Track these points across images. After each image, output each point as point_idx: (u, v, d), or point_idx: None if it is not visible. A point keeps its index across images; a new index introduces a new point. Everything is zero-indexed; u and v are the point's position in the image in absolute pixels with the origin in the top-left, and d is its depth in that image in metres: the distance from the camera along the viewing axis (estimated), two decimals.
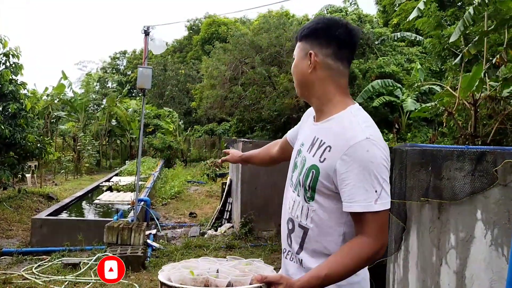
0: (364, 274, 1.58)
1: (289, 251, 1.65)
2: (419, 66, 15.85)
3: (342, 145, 1.44)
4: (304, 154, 1.61)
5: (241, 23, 29.32)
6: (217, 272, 1.47)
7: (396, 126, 16.23)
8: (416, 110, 13.67)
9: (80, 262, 5.41)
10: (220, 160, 2.43)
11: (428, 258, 3.08)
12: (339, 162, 1.43)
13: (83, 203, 9.79)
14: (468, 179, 2.73)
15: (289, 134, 1.98)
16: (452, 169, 2.86)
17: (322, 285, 1.38)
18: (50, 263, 5.47)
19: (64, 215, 8.08)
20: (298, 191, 1.60)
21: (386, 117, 16.81)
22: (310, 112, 1.78)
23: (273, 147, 2.14)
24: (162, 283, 1.37)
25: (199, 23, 37.27)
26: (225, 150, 2.45)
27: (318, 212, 1.52)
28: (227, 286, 1.39)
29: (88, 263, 5.39)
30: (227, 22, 30.31)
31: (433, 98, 12.06)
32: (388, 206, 1.43)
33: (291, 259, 1.63)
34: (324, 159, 1.49)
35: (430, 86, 15.19)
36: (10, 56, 9.06)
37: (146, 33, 6.21)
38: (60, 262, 5.40)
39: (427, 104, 12.60)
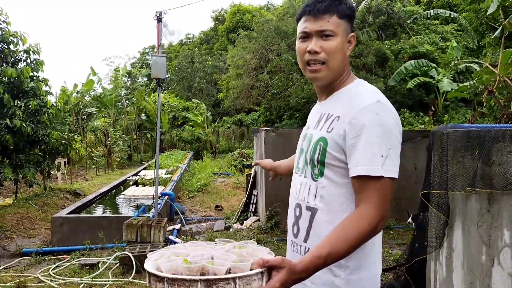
0: (375, 270, 1.49)
1: (295, 242, 1.58)
2: (455, 44, 15.01)
3: (350, 110, 1.40)
4: (310, 133, 1.56)
5: (266, 10, 28.84)
6: (212, 258, 1.31)
7: (432, 108, 15.49)
8: (453, 90, 12.95)
9: (98, 262, 5.19)
10: (253, 163, 2.34)
11: (477, 257, 2.63)
12: (348, 127, 1.38)
13: (109, 198, 9.66)
14: None
15: None
16: (504, 153, 2.39)
17: (325, 264, 1.27)
18: (68, 264, 5.28)
19: (88, 212, 7.95)
20: (305, 172, 1.55)
21: (421, 99, 16.08)
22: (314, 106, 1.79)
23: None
24: (151, 274, 1.20)
25: (224, 13, 36.96)
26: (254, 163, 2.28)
27: (328, 189, 1.45)
28: (226, 273, 1.22)
29: (107, 262, 5.16)
30: (251, 10, 29.86)
31: (472, 77, 11.33)
32: (393, 175, 1.35)
33: (297, 250, 1.56)
34: (332, 128, 1.44)
35: (468, 65, 14.37)
36: (31, 52, 8.97)
37: (159, 19, 5.88)
38: (78, 263, 5.19)
39: (465, 84, 11.89)
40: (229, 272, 1.20)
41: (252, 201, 7.75)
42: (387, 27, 17.89)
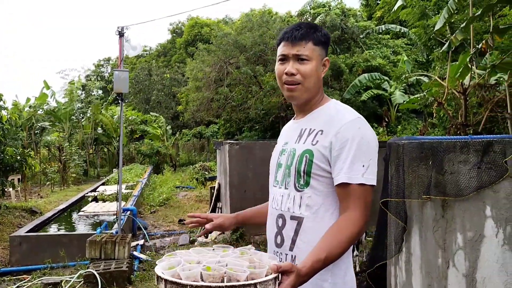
0: (352, 272, 1.63)
1: (279, 252, 1.65)
2: (405, 58, 15.72)
3: (335, 125, 1.56)
4: (292, 147, 1.66)
5: (224, 23, 29.07)
6: (227, 265, 1.37)
7: (386, 119, 16.09)
8: (405, 102, 13.53)
9: (61, 281, 5.08)
10: (189, 225, 1.91)
11: (433, 260, 2.82)
12: (333, 139, 1.53)
13: (67, 215, 9.42)
14: (474, 173, 2.48)
15: None
16: (455, 162, 2.61)
17: (323, 267, 1.41)
18: (29, 284, 5.13)
19: (47, 230, 7.72)
20: (285, 184, 1.64)
21: (375, 111, 16.67)
22: (284, 127, 1.90)
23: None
24: (170, 282, 1.22)
25: (181, 25, 36.92)
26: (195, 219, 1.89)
27: (313, 198, 1.56)
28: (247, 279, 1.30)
29: (70, 281, 5.06)
30: (209, 23, 30.01)
31: (422, 89, 11.91)
32: (373, 183, 1.51)
33: (281, 260, 1.62)
34: (317, 141, 1.57)
35: (418, 77, 15.07)
36: None
37: (121, 34, 5.89)
38: (40, 282, 5.06)
39: (416, 96, 12.47)
40: (250, 278, 1.27)
41: None
42: (342, 41, 18.50)
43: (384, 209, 3.57)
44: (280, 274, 1.30)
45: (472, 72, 6.69)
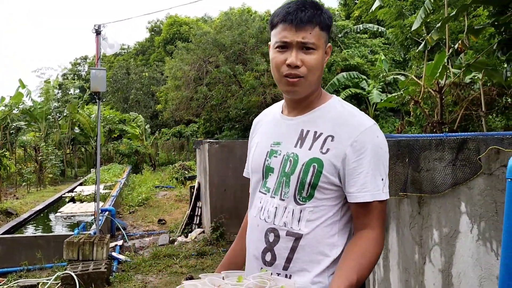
0: None
1: (268, 271, 1.40)
2: (383, 57, 15.94)
3: (350, 131, 1.35)
4: (291, 151, 1.42)
5: (203, 22, 28.94)
6: None
7: None
8: (382, 101, 13.71)
9: (38, 283, 5.00)
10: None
11: (410, 256, 2.87)
12: (349, 150, 1.34)
13: (44, 216, 9.25)
14: (449, 170, 2.53)
15: (246, 169, 1.70)
16: (431, 160, 2.66)
17: None
18: (5, 286, 5.02)
19: (24, 232, 7.57)
20: (281, 195, 1.41)
21: None
22: (260, 117, 1.68)
23: (242, 233, 1.84)
24: None
25: (160, 24, 36.61)
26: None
27: (315, 212, 1.38)
28: None
29: (47, 283, 4.98)
30: (188, 22, 29.85)
31: (399, 88, 12.09)
32: (388, 196, 1.37)
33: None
34: (328, 149, 1.36)
35: (395, 76, 15.27)
36: None
37: (98, 32, 5.81)
38: (16, 285, 4.96)
39: (393, 94, 12.64)
40: None
41: (196, 213, 7.77)
42: None
43: None
44: None
45: (448, 71, 6.83)
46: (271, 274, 1.36)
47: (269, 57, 1.44)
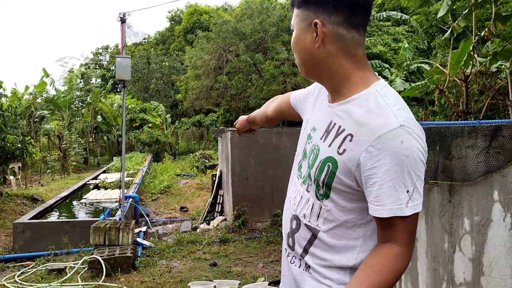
0: None
1: (291, 254, 1.41)
2: (406, 45, 15.66)
3: (368, 133, 1.17)
4: (317, 142, 1.32)
5: (223, 11, 28.87)
6: None
7: None
8: (406, 90, 13.49)
9: (66, 267, 5.11)
10: (237, 133, 2.17)
11: (440, 245, 2.84)
12: (364, 155, 1.16)
13: (69, 203, 9.45)
14: (482, 157, 2.48)
15: (294, 98, 1.67)
16: (463, 147, 2.61)
17: None
18: (34, 270, 5.16)
19: (49, 217, 7.75)
20: (308, 185, 1.34)
21: None
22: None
23: (270, 104, 1.88)
24: None
25: (180, 13, 36.66)
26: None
27: (333, 212, 1.27)
28: None
29: (75, 267, 5.09)
30: (208, 11, 29.80)
31: (424, 77, 11.88)
32: (419, 209, 1.18)
33: (293, 261, 1.41)
34: (344, 150, 1.22)
35: (419, 65, 15.04)
36: None
37: (122, 20, 5.85)
38: (45, 268, 5.09)
39: (417, 83, 12.43)
40: None
41: (218, 201, 7.83)
42: None
43: None
44: None
45: (474, 60, 6.69)
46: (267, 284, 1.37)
47: None
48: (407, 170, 1.14)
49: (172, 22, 37.94)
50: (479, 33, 6.65)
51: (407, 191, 1.14)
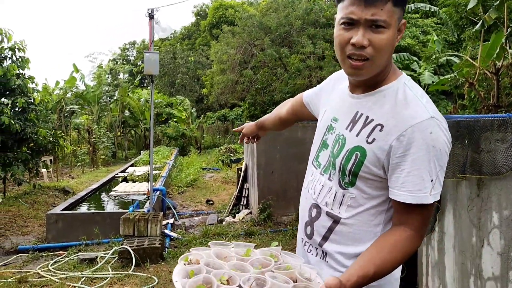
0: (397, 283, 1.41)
1: (308, 243, 1.46)
2: (435, 38, 15.35)
3: (400, 123, 1.22)
4: (342, 132, 1.36)
5: (249, 5, 28.86)
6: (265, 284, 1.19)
7: None
8: (434, 83, 13.24)
9: (97, 257, 5.28)
10: (239, 141, 2.17)
11: (467, 239, 2.82)
12: (395, 143, 1.22)
13: (99, 195, 9.70)
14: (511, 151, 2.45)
15: (306, 96, 1.72)
16: (492, 141, 2.58)
17: (368, 283, 1.19)
18: (66, 259, 5.34)
19: (80, 209, 7.98)
20: (330, 174, 1.38)
21: None
22: (338, 77, 1.53)
23: (283, 107, 1.90)
24: None
25: (206, 8, 36.83)
26: (235, 129, 2.19)
27: (358, 199, 1.32)
28: None
29: (105, 257, 5.25)
30: (234, 5, 29.84)
31: (453, 70, 11.65)
32: (438, 198, 1.24)
33: (309, 250, 1.45)
34: (373, 139, 1.26)
35: (448, 58, 14.70)
36: (16, 50, 8.91)
37: (151, 16, 5.95)
38: (77, 258, 5.26)
39: (446, 76, 12.19)
40: None
41: (243, 195, 7.89)
42: None
43: None
44: None
45: (505, 52, 6.53)
46: (281, 249, 1.39)
47: (333, 34, 1.29)
48: (433, 160, 1.19)
49: (198, 17, 38.18)
50: (511, 25, 6.49)
51: (431, 180, 1.20)
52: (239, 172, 8.32)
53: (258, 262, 1.31)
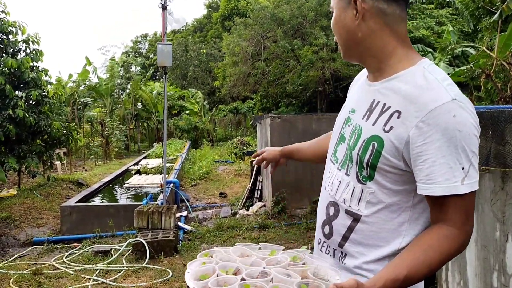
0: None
1: (326, 243, 1.35)
2: (450, 28, 15.09)
3: (418, 109, 1.11)
4: (358, 123, 1.27)
5: None
6: (272, 280, 1.14)
7: None
8: (450, 75, 13.04)
9: (111, 249, 5.28)
10: (255, 162, 1.97)
11: (490, 234, 2.74)
12: (414, 131, 1.11)
13: (113, 187, 9.74)
14: None
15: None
16: None
17: None
18: (81, 251, 5.37)
19: (93, 201, 8.02)
20: (347, 169, 1.28)
21: None
22: (358, 75, 1.47)
23: (328, 138, 1.72)
24: None
25: (218, 0, 36.69)
26: (255, 154, 2.01)
27: (377, 195, 1.21)
28: None
29: (119, 249, 5.25)
30: None
31: (469, 61, 11.43)
32: (476, 187, 1.12)
33: (328, 252, 1.35)
34: (391, 127, 1.16)
35: (464, 49, 14.45)
36: (30, 42, 8.94)
37: (164, 7, 5.90)
38: (91, 250, 5.28)
39: (462, 68, 11.97)
40: None
41: (257, 187, 7.86)
42: None
43: None
44: None
45: None
46: (310, 252, 1.32)
47: None
48: (461, 145, 1.08)
49: (210, 9, 38.07)
50: None
51: (462, 168, 1.09)
52: (253, 164, 8.28)
53: (275, 261, 1.25)
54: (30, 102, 8.62)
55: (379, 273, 1.11)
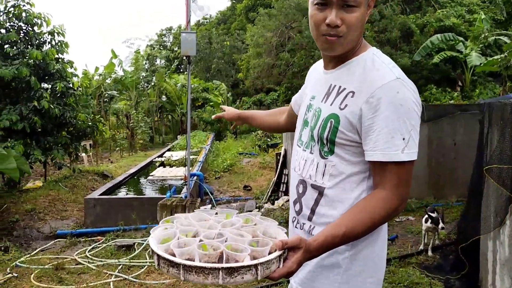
0: (379, 249, 1.39)
1: (297, 219, 1.47)
2: (483, 16, 14.48)
3: (368, 87, 1.27)
4: (318, 106, 1.42)
5: None
6: (226, 240, 1.22)
7: (460, 83, 15.04)
8: (482, 65, 12.52)
9: (134, 243, 5.18)
10: (213, 116, 2.24)
11: None
12: (364, 106, 1.26)
13: (137, 179, 9.70)
14: None
15: (293, 99, 1.77)
16: None
17: (339, 244, 1.24)
18: (104, 245, 5.28)
19: (118, 193, 7.97)
20: (311, 148, 1.43)
21: (448, 74, 15.65)
22: (314, 66, 1.63)
23: (282, 113, 1.94)
24: (163, 258, 1.12)
25: None
26: (221, 106, 2.25)
27: (338, 167, 1.35)
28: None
29: (143, 243, 5.15)
30: None
31: (503, 50, 10.91)
32: (415, 157, 1.26)
33: (300, 227, 1.46)
34: (346, 105, 1.31)
35: (497, 37, 13.84)
36: (55, 34, 8.93)
37: None
38: (114, 244, 5.18)
39: (495, 57, 11.46)
40: (252, 258, 1.16)
41: (282, 181, 7.65)
42: (412, 0, 17.37)
43: (480, 178, 3.21)
44: (286, 250, 1.16)
45: None
46: (260, 215, 1.40)
47: (308, 14, 1.35)
48: (402, 118, 1.23)
49: (233, 1, 37.81)
50: None
51: (403, 139, 1.23)
52: (278, 157, 8.08)
53: (230, 223, 1.34)
54: (56, 94, 8.63)
55: (322, 230, 1.24)
